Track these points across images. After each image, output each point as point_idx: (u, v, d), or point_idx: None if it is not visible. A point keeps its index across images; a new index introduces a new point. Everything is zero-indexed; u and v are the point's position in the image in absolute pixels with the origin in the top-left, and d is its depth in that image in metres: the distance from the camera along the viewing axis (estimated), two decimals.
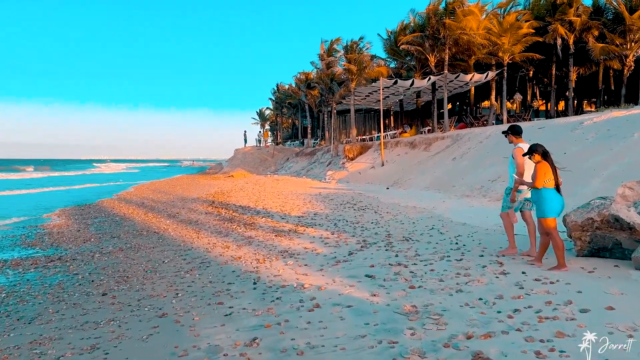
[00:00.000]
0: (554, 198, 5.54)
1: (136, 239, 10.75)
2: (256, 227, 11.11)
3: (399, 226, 10.25)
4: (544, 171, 5.54)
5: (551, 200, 5.53)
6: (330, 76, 34.43)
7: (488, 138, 19.90)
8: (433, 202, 14.28)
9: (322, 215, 12.72)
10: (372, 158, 27.29)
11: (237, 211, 14.68)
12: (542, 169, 5.56)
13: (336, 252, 7.83)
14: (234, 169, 43.84)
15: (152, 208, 17.25)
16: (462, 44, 25.22)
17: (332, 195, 18.81)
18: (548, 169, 5.55)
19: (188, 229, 11.65)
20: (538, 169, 5.58)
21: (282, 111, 60.96)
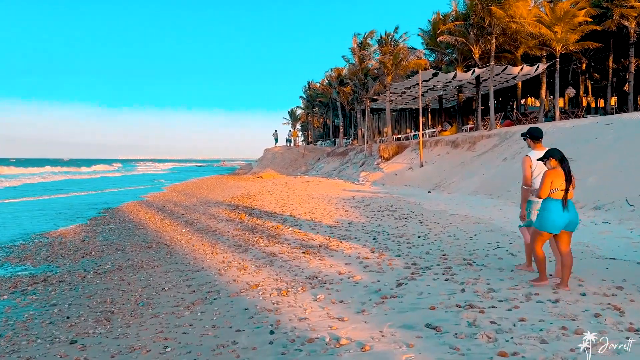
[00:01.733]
0: (555, 211, 4.98)
1: (141, 254, 9.23)
2: (281, 240, 9.42)
3: (454, 242, 8.37)
4: (552, 179, 4.97)
5: (552, 213, 5.00)
6: (364, 71, 32.52)
7: (544, 136, 17.66)
8: (488, 210, 12.32)
9: (357, 225, 10.95)
10: (410, 158, 25.31)
11: (262, 218, 13.07)
12: (550, 177, 4.99)
13: (380, 280, 6.05)
14: (263, 169, 42.48)
15: (171, 213, 15.84)
16: (510, 33, 22.93)
17: (367, 199, 17.01)
18: (559, 177, 4.95)
19: (203, 241, 10.07)
20: (546, 176, 5.01)
21: (313, 110, 59.32)
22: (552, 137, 16.77)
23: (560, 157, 5.05)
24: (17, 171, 58.92)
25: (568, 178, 4.98)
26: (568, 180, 4.97)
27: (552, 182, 4.98)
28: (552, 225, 5.04)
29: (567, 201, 4.99)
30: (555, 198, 5.00)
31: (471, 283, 5.63)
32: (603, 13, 23.77)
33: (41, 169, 63.44)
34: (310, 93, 56.57)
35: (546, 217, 5.05)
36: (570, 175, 5.00)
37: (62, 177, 47.61)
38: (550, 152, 5.14)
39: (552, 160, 5.06)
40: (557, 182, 4.97)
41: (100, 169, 73.12)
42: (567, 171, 4.99)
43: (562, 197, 4.98)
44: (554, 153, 5.10)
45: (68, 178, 46.91)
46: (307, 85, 58.20)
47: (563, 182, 4.97)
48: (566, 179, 4.97)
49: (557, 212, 4.99)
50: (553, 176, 4.99)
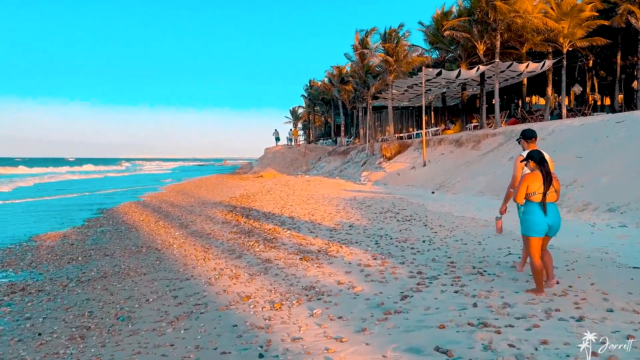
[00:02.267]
0: (535, 214, 4.86)
1: (130, 260, 8.73)
2: (278, 245, 8.91)
3: (462, 248, 7.84)
4: (529, 183, 4.87)
5: (532, 215, 4.87)
6: (365, 68, 31.92)
7: (551, 134, 17.12)
8: (495, 212, 11.75)
9: (358, 228, 10.43)
10: (412, 157, 24.76)
11: (260, 220, 12.56)
12: (527, 181, 4.89)
13: (382, 292, 5.53)
14: (263, 168, 41.98)
15: (167, 215, 15.33)
16: (516, 29, 22.34)
17: (368, 200, 16.48)
18: (536, 180, 4.83)
19: (196, 246, 9.55)
20: (522, 180, 4.95)
21: (314, 109, 58.72)
22: (561, 136, 16.23)
23: (538, 158, 4.90)
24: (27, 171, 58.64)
25: (546, 180, 4.82)
26: (546, 182, 4.82)
27: (529, 186, 4.86)
28: (535, 228, 4.87)
29: (546, 204, 4.84)
30: (535, 201, 4.87)
31: (483, 296, 5.11)
32: (610, 8, 23.17)
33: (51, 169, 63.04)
34: (312, 92, 56.01)
35: (529, 221, 4.91)
36: (548, 177, 4.84)
37: (71, 177, 47.18)
38: (529, 154, 5.01)
39: (531, 163, 4.95)
40: (534, 185, 4.84)
41: (107, 169, 72.79)
42: (544, 174, 4.84)
43: (540, 200, 4.83)
44: (533, 154, 4.97)
45: (78, 178, 46.46)
46: (309, 83, 57.63)
47: (541, 185, 4.83)
48: (544, 181, 4.82)
49: (538, 215, 4.85)
50: (530, 180, 4.87)
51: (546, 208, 4.84)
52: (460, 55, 26.47)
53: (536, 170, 4.89)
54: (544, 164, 4.88)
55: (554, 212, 4.91)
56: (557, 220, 4.94)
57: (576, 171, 12.75)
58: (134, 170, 72.18)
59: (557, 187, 4.93)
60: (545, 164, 4.90)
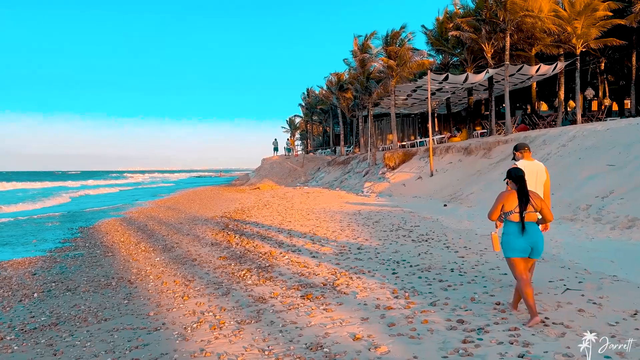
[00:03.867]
0: (513, 234, 4.61)
1: (93, 297, 7.18)
2: (274, 276, 7.38)
3: (503, 280, 6.32)
4: (504, 202, 4.68)
5: (510, 236, 4.63)
6: (366, 74, 30.51)
7: (572, 140, 15.67)
8: None
9: (369, 251, 8.91)
10: (418, 167, 23.29)
11: (254, 240, 11.03)
12: (501, 200, 4.71)
13: (417, 356, 4.00)
14: (260, 180, 40.47)
15: (150, 235, 13.78)
16: (527, 29, 21.01)
17: (375, 214, 14.98)
18: (512, 199, 4.63)
19: (177, 277, 8.02)
20: (497, 198, 4.78)
21: (312, 118, 57.30)
22: (586, 142, 14.78)
23: (515, 176, 4.70)
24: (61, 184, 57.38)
25: (522, 199, 4.59)
26: (522, 201, 4.59)
27: (504, 205, 4.69)
28: (512, 248, 4.64)
29: (524, 223, 4.58)
30: (513, 220, 4.65)
31: None
32: (625, 7, 21.87)
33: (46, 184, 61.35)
34: (310, 100, 54.65)
35: (506, 242, 4.70)
36: (524, 196, 4.60)
37: (95, 192, 45.51)
38: (508, 172, 4.84)
39: (509, 181, 4.80)
40: (511, 204, 4.64)
41: (105, 183, 71.10)
42: (520, 192, 4.62)
43: (518, 220, 4.60)
44: (511, 172, 4.78)
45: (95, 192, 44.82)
46: (306, 92, 56.34)
47: (517, 204, 4.61)
48: (520, 200, 4.60)
49: (515, 235, 4.62)
50: (505, 199, 4.69)
51: (525, 228, 4.57)
52: (465, 59, 25.07)
53: (514, 190, 4.69)
54: (519, 182, 4.66)
55: (536, 232, 4.64)
56: (539, 240, 4.64)
57: (611, 181, 11.26)
58: (136, 185, 70.56)
59: (538, 206, 4.64)
60: (522, 182, 4.65)
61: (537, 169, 5.59)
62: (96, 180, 70.60)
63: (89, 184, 59.51)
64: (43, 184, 59.80)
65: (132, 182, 74.85)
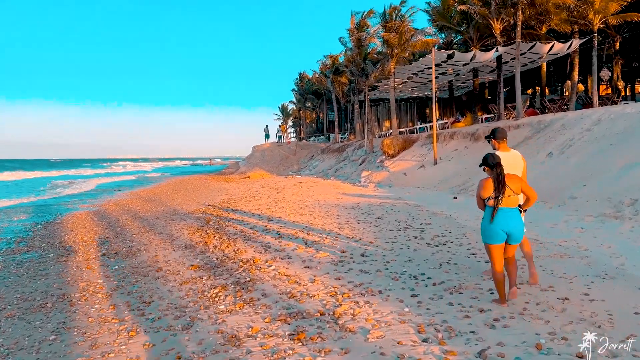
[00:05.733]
0: (487, 219, 4.64)
1: (16, 325, 5.41)
2: (255, 298, 5.63)
3: (571, 310, 4.59)
4: (481, 190, 4.70)
5: (485, 221, 4.68)
6: (363, 54, 28.55)
7: (598, 124, 13.94)
8: (559, 230, 8.58)
9: (375, 259, 7.18)
10: (420, 154, 21.55)
11: (236, 241, 9.28)
12: (480, 187, 4.72)
13: None
14: (251, 168, 38.61)
15: (119, 233, 11.97)
16: (540, 3, 19.18)
17: (376, 207, 13.26)
18: (490, 185, 4.62)
19: (132, 295, 6.25)
20: (478, 187, 4.78)
21: (305, 104, 55.26)
22: (615, 127, 13.05)
23: (492, 163, 4.62)
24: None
25: (497, 185, 4.56)
26: (497, 188, 4.55)
27: (482, 192, 4.68)
28: (489, 234, 4.64)
29: (497, 209, 4.56)
30: (490, 205, 4.63)
31: None
32: None
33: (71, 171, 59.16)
34: (303, 85, 52.60)
35: (483, 227, 4.72)
36: (500, 182, 4.56)
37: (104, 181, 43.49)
38: (484, 159, 4.73)
39: (485, 168, 4.72)
40: (488, 190, 4.63)
41: (99, 172, 68.89)
42: (495, 178, 4.58)
43: (492, 205, 4.58)
44: (487, 159, 4.69)
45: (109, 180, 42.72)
46: (299, 76, 54.25)
47: (493, 190, 4.59)
48: (495, 186, 4.56)
49: (489, 221, 4.61)
50: (483, 186, 4.67)
51: (499, 214, 4.56)
52: (470, 37, 23.21)
53: (491, 176, 4.65)
54: (495, 168, 4.59)
55: (512, 217, 4.60)
56: (516, 226, 4.61)
57: None
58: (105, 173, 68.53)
59: (518, 189, 4.61)
60: (497, 168, 4.58)
61: (515, 160, 5.35)
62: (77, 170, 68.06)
63: (70, 174, 57.37)
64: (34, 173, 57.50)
65: (119, 171, 72.59)
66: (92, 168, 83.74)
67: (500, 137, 5.42)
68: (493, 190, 4.57)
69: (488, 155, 4.73)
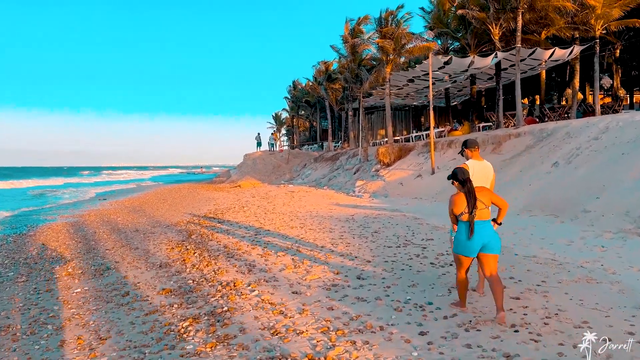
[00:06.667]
0: (464, 234, 4.62)
1: None
2: (231, 335, 4.70)
3: (604, 352, 3.70)
4: (453, 206, 4.68)
5: (461, 235, 4.66)
6: (357, 60, 27.77)
7: (606, 132, 13.17)
8: (578, 248, 7.71)
9: (374, 281, 6.28)
10: (417, 164, 20.71)
11: (218, 258, 8.35)
12: (452, 204, 4.71)
13: None
14: (242, 177, 37.61)
15: (91, 248, 11.00)
16: (541, 7, 18.50)
17: (371, 220, 12.37)
18: (462, 200, 4.60)
19: (87, 328, 5.31)
20: (449, 202, 4.78)
21: (298, 112, 54.42)
22: (627, 134, 12.27)
23: (462, 179, 4.61)
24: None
25: (469, 200, 4.54)
26: (470, 202, 4.53)
27: (454, 208, 4.66)
28: (462, 248, 4.67)
29: (473, 224, 4.53)
30: (464, 220, 4.62)
31: None
32: None
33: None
34: (296, 93, 51.80)
35: (457, 240, 4.74)
36: (472, 197, 4.53)
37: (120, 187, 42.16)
38: (453, 173, 4.72)
39: (455, 183, 4.71)
40: (460, 206, 4.61)
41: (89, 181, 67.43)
42: (467, 193, 4.57)
43: (467, 220, 4.56)
44: (456, 175, 4.68)
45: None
46: (292, 84, 53.46)
47: (466, 205, 4.56)
48: (468, 201, 4.54)
49: (464, 236, 4.61)
50: (454, 203, 4.67)
51: (475, 227, 4.55)
52: (468, 43, 22.51)
53: (461, 192, 4.63)
54: (466, 184, 4.58)
55: (486, 229, 4.60)
56: (490, 237, 4.60)
57: None
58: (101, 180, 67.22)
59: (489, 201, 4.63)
60: (468, 183, 4.57)
61: (487, 170, 5.45)
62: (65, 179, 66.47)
63: (51, 183, 56.03)
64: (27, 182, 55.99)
65: (110, 179, 71.12)
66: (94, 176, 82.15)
67: (472, 146, 5.53)
68: (465, 205, 4.58)
69: (457, 170, 4.74)
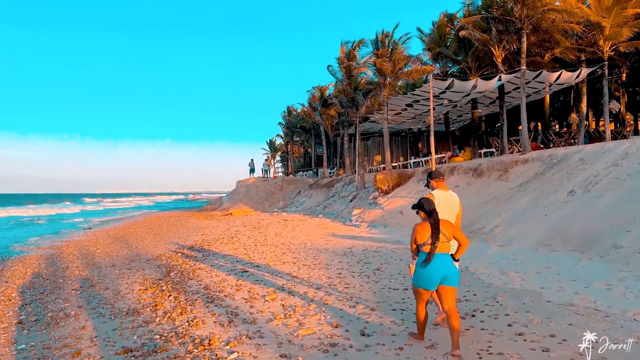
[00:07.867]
0: (423, 265, 4.58)
1: None
2: None
3: None
4: (416, 235, 4.66)
5: (419, 267, 4.62)
6: (353, 84, 26.91)
7: (626, 158, 12.14)
8: (621, 292, 6.52)
9: (381, 339, 5.08)
10: (417, 191, 19.59)
11: (196, 302, 7.09)
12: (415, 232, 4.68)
13: None
14: (235, 204, 36.37)
15: (58, 286, 9.72)
16: (546, 28, 17.74)
17: (372, 253, 11.18)
18: (426, 231, 4.59)
19: None
20: (412, 231, 4.75)
21: (293, 138, 53.52)
22: None
23: (429, 210, 4.64)
24: None
25: (434, 232, 4.54)
26: (434, 234, 4.54)
27: (417, 237, 4.65)
28: (421, 280, 4.60)
29: (432, 255, 4.52)
30: (425, 251, 4.59)
31: None
32: None
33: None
34: (290, 119, 51.01)
35: (416, 272, 4.68)
36: (436, 228, 4.55)
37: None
38: (419, 203, 4.77)
39: (421, 213, 4.74)
40: (424, 236, 4.59)
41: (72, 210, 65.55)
42: (432, 224, 4.57)
43: (428, 251, 4.54)
44: (422, 205, 4.73)
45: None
46: (287, 110, 52.71)
47: (430, 236, 4.56)
48: (432, 233, 4.54)
49: (424, 267, 4.56)
50: (418, 231, 4.65)
51: (435, 259, 4.53)
52: (469, 66, 21.70)
53: (426, 221, 4.63)
54: (432, 215, 4.61)
55: (446, 262, 4.56)
56: (450, 270, 4.56)
57: None
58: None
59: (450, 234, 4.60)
60: (434, 214, 4.60)
61: (453, 200, 5.51)
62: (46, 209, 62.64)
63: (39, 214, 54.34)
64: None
65: (97, 209, 68.28)
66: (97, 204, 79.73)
67: (437, 176, 5.69)
68: (429, 235, 4.55)
69: (423, 200, 4.77)
